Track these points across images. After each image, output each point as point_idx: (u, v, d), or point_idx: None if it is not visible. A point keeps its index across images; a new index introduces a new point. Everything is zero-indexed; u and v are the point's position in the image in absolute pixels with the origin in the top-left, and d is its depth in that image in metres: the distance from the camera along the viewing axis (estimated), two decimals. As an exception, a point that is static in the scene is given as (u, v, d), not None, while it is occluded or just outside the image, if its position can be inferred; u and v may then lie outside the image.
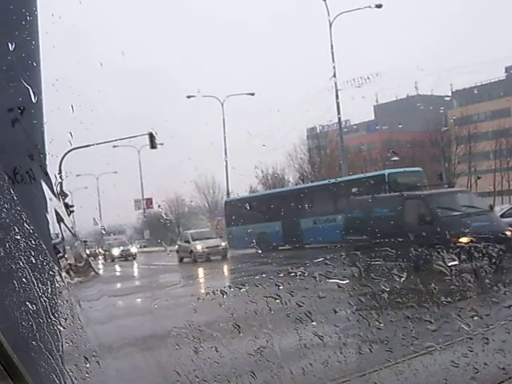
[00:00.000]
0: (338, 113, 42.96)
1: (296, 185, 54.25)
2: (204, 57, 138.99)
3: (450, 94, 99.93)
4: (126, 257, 51.81)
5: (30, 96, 2.86)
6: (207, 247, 37.16)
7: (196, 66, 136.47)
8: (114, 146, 54.54)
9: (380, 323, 6.31)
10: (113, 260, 51.55)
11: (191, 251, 37.97)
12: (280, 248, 36.84)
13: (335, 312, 6.91)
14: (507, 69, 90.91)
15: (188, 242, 38.81)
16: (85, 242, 57.87)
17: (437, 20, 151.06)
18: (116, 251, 53.09)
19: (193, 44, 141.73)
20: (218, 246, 37.66)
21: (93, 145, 42.56)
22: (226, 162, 53.41)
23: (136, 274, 40.42)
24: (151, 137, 41.39)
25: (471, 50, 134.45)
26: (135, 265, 47.49)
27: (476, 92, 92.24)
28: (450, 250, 6.44)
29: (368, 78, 52.95)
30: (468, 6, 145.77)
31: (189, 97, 54.17)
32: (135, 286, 28.29)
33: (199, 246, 37.52)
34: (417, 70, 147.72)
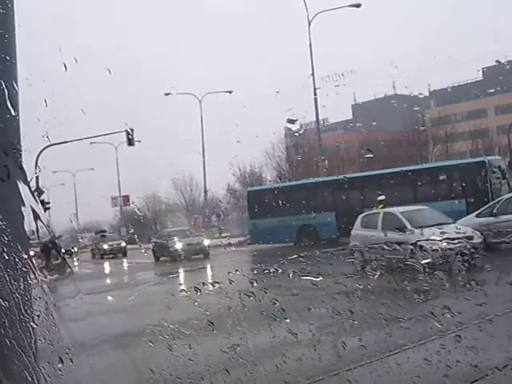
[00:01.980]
0: (316, 111, 43.05)
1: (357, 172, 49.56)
2: (183, 53, 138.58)
3: (427, 93, 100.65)
4: (195, 254, 33.75)
5: (4, 91, 2.85)
6: (448, 239, 18.28)
7: (174, 62, 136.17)
8: (91, 143, 54.49)
9: (354, 321, 6.36)
10: (174, 259, 33.77)
11: (419, 248, 18.49)
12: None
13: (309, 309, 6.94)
14: (484, 70, 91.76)
15: (402, 229, 19.73)
16: (102, 232, 55.76)
17: (416, 20, 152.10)
18: (178, 245, 34.62)
19: (171, 40, 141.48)
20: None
21: (70, 141, 42.49)
22: (204, 159, 53.29)
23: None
24: (128, 134, 41.22)
25: (449, 50, 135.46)
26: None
27: (453, 92, 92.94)
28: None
29: (342, 74, 52.27)
30: (446, 6, 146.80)
31: (167, 94, 53.99)
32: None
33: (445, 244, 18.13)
34: (394, 69, 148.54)
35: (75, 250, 59.95)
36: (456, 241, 18.09)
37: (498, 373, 6.00)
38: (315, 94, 42.12)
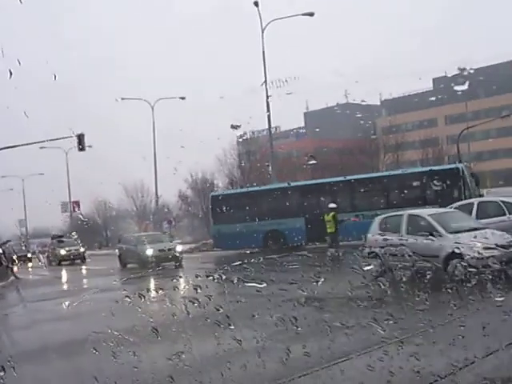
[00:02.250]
0: (268, 118, 42.97)
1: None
2: (136, 59, 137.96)
3: (379, 102, 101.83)
4: (167, 261, 30.58)
5: None
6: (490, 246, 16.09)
7: (128, 68, 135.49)
8: (41, 148, 53.77)
9: (298, 328, 6.33)
10: (144, 267, 29.04)
11: (457, 256, 16.16)
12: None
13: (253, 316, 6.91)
14: (434, 80, 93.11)
15: (433, 234, 17.01)
16: (59, 237, 49.75)
17: (369, 30, 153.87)
18: (149, 251, 31.43)
19: (125, 45, 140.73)
20: None
21: (18, 146, 41.85)
22: (155, 165, 52.92)
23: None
24: (80, 139, 40.70)
25: (401, 60, 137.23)
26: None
27: (404, 101, 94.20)
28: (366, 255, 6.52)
29: (285, 80, 50.83)
30: (399, 18, 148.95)
31: (122, 99, 53.38)
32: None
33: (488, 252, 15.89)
34: (347, 78, 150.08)
35: (29, 255, 57.85)
36: (498, 248, 15.75)
37: (441, 381, 6.04)
38: (268, 102, 42.03)
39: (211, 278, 7.02)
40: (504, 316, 6.63)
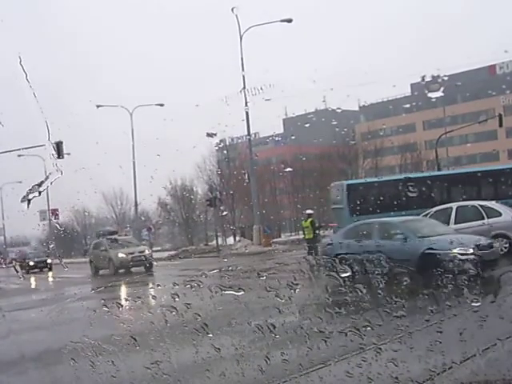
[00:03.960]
0: (248, 125, 42.90)
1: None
2: (114, 65, 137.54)
3: (357, 108, 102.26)
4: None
5: None
6: None
7: (105, 74, 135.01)
8: (19, 155, 53.35)
9: (276, 335, 6.33)
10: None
11: None
12: None
13: (231, 324, 6.91)
14: (412, 86, 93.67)
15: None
16: (111, 234, 36.84)
17: (348, 36, 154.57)
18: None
19: (104, 52, 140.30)
20: None
21: (-5, 153, 41.44)
22: (134, 172, 52.63)
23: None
24: (58, 146, 40.37)
25: (379, 66, 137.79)
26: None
27: (382, 107, 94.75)
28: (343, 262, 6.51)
29: (265, 86, 49.95)
30: (379, 24, 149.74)
31: (98, 106, 53.29)
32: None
33: None
34: (326, 84, 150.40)
35: (49, 261, 47.27)
36: None
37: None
38: (247, 109, 41.87)
39: (189, 285, 7.00)
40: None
